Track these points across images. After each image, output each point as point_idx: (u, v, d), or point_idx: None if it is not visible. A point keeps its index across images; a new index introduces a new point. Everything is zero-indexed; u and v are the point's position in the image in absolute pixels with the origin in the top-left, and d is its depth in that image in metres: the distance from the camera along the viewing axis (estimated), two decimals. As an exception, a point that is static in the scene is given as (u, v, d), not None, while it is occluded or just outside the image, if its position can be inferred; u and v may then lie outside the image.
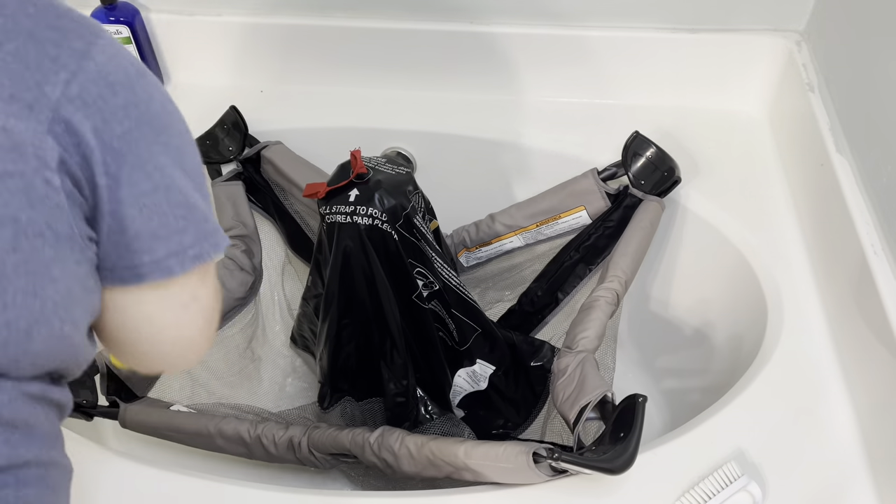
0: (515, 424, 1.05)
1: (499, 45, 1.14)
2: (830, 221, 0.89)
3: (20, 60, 0.39)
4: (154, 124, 0.44)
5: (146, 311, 0.48)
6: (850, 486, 0.71)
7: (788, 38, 1.08)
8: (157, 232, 0.44)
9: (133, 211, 0.43)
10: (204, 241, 0.47)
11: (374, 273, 0.86)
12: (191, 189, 0.46)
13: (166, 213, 0.45)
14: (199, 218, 0.46)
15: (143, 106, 0.43)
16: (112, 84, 0.42)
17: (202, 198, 0.47)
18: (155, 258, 0.45)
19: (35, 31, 0.40)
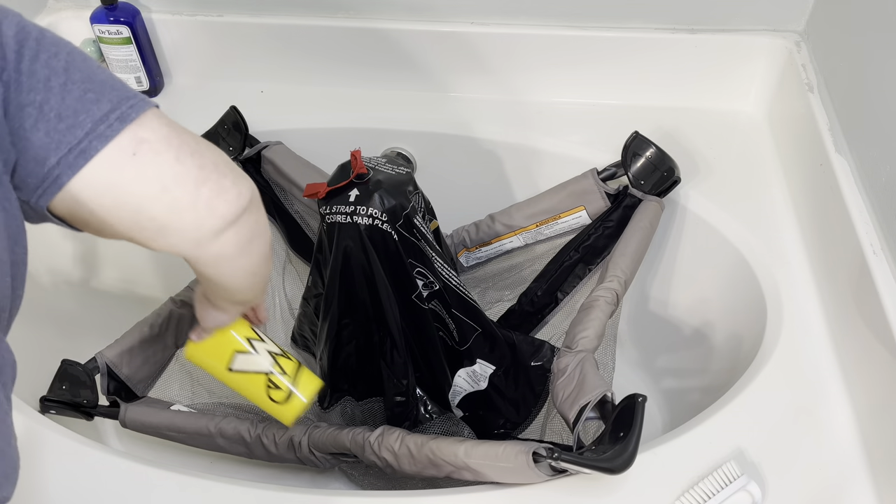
0: (515, 424, 1.05)
1: (499, 45, 1.14)
2: (830, 221, 0.89)
3: None
4: (36, 27, 0.47)
5: (114, 190, 0.48)
6: (849, 486, 0.71)
7: (788, 39, 1.08)
8: (75, 107, 0.45)
9: (44, 94, 0.45)
10: (125, 102, 0.47)
11: (374, 273, 0.86)
12: (93, 68, 0.48)
13: (75, 90, 0.46)
14: (108, 87, 0.47)
15: (17, 16, 0.46)
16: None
17: (102, 73, 0.49)
18: (85, 130, 0.45)
19: None
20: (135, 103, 0.48)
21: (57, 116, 0.45)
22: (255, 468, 1.03)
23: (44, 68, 0.45)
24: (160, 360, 0.99)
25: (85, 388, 0.89)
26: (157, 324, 0.97)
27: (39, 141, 0.45)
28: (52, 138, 0.45)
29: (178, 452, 0.99)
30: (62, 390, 0.88)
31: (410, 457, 0.78)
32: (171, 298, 1.01)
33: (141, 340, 0.95)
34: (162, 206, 0.49)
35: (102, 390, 0.92)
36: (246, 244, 0.57)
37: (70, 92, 0.46)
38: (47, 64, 0.45)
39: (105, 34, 1.15)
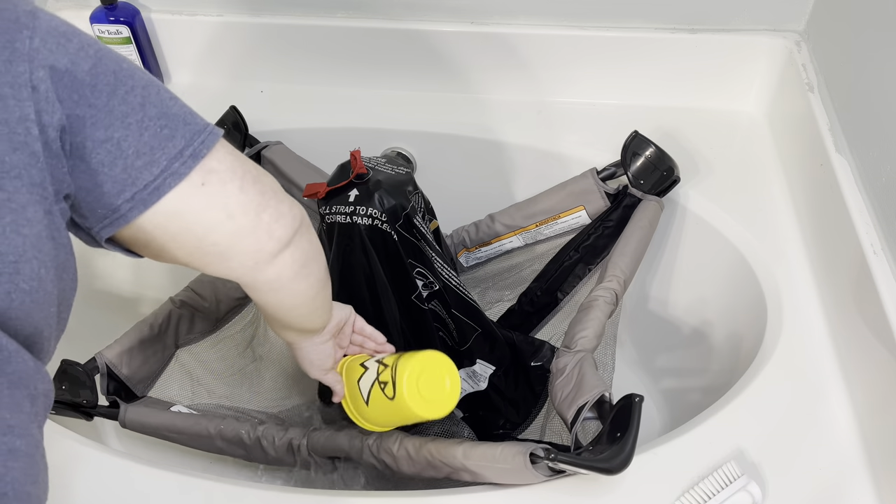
0: (515, 424, 1.05)
1: (499, 45, 1.14)
2: (830, 221, 0.89)
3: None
4: (111, 56, 0.47)
5: (181, 218, 0.49)
6: (849, 486, 0.71)
7: (788, 39, 1.08)
8: (151, 144, 0.47)
9: (122, 132, 0.46)
10: (197, 137, 0.49)
11: (374, 273, 0.86)
12: (165, 100, 0.49)
13: (152, 127, 0.47)
14: (181, 121, 0.49)
15: (95, 45, 0.46)
16: (64, 34, 0.45)
17: (175, 104, 0.50)
18: (161, 168, 0.47)
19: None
20: (205, 138, 0.50)
21: (135, 153, 0.46)
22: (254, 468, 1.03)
23: (121, 104, 0.46)
24: (160, 360, 0.99)
25: (85, 389, 0.89)
26: (156, 324, 0.97)
27: (117, 176, 0.46)
28: (129, 175, 0.46)
29: (178, 453, 0.99)
30: (62, 391, 0.88)
31: (409, 458, 0.78)
32: (170, 298, 1.01)
33: (141, 341, 0.95)
34: (225, 233, 0.52)
35: (102, 390, 0.92)
36: (301, 267, 0.59)
37: (147, 129, 0.47)
38: (125, 100, 0.46)
39: (105, 34, 1.15)
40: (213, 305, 1.04)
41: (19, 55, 0.42)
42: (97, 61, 0.45)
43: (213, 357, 1.07)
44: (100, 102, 0.45)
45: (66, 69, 0.44)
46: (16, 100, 0.42)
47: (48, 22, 0.44)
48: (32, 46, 0.42)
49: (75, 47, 0.44)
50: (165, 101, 0.49)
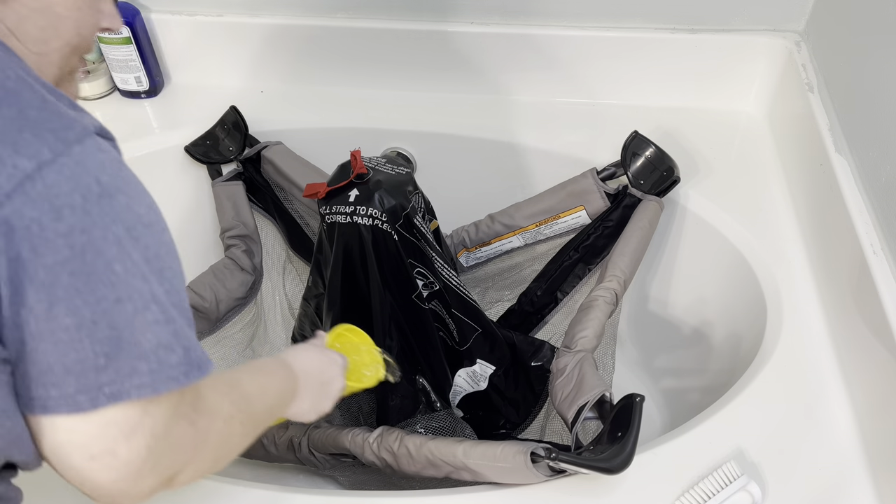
0: (515, 424, 1.05)
1: (499, 45, 1.14)
2: (830, 221, 0.89)
3: None
4: (107, 252, 0.40)
5: (50, 445, 0.44)
6: (849, 486, 0.71)
7: (788, 39, 1.08)
8: (71, 367, 0.41)
9: (47, 345, 0.40)
10: (127, 378, 0.42)
11: (374, 273, 0.87)
12: (131, 319, 0.42)
13: (87, 349, 0.41)
14: (128, 354, 0.42)
15: (96, 231, 0.40)
16: (58, 208, 0.38)
17: (156, 324, 0.43)
18: (63, 392, 0.41)
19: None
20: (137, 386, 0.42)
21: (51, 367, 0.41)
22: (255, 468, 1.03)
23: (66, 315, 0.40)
24: (160, 360, 0.99)
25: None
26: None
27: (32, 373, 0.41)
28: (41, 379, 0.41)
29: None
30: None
31: (409, 457, 0.78)
32: (171, 298, 1.01)
33: (141, 340, 0.95)
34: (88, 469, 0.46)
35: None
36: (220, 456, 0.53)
37: (77, 349, 0.41)
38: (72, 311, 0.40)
39: (105, 34, 1.15)
40: (212, 305, 1.04)
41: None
42: (73, 256, 0.39)
43: (213, 357, 1.07)
44: (39, 307, 0.39)
45: (17, 256, 0.38)
46: None
47: (50, 186, 0.38)
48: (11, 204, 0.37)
49: (58, 232, 0.38)
50: (129, 321, 0.41)
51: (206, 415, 0.50)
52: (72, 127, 0.41)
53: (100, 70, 1.22)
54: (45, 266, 0.38)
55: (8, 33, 0.45)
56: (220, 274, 1.06)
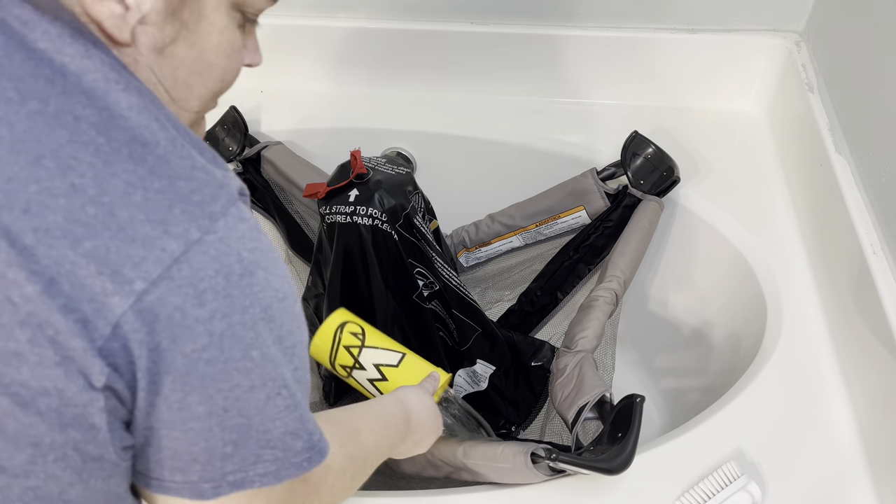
0: (515, 424, 1.05)
1: (499, 45, 1.14)
2: (830, 221, 0.89)
3: (94, 262, 0.34)
4: (243, 337, 0.38)
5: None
6: (849, 486, 0.71)
7: (788, 39, 1.08)
8: (198, 456, 0.40)
9: (177, 433, 0.39)
10: (251, 467, 0.41)
11: (375, 273, 0.87)
12: (263, 407, 0.40)
13: (216, 438, 0.40)
14: (254, 442, 0.41)
15: (235, 316, 0.38)
16: (202, 292, 0.36)
17: (285, 410, 0.42)
18: (188, 479, 0.40)
19: (130, 226, 0.35)
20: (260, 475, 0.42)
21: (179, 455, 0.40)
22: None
23: (200, 403, 0.38)
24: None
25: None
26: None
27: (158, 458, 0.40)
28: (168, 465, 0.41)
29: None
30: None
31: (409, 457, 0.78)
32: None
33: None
34: None
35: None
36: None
37: (208, 438, 0.39)
38: (207, 399, 0.39)
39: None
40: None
41: (104, 315, 0.34)
42: (211, 344, 0.37)
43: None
44: (174, 396, 0.37)
45: (157, 346, 0.36)
46: (80, 365, 0.34)
47: (196, 269, 0.36)
48: (135, 307, 0.35)
49: (199, 317, 0.36)
50: (259, 409, 0.40)
51: (319, 470, 0.47)
52: (218, 197, 0.38)
53: (100, 70, 1.22)
54: (183, 354, 0.37)
55: (157, 82, 0.42)
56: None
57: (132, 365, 0.36)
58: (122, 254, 0.34)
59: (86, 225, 0.34)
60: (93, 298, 0.34)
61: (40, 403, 0.34)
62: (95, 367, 0.35)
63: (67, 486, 0.37)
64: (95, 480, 0.38)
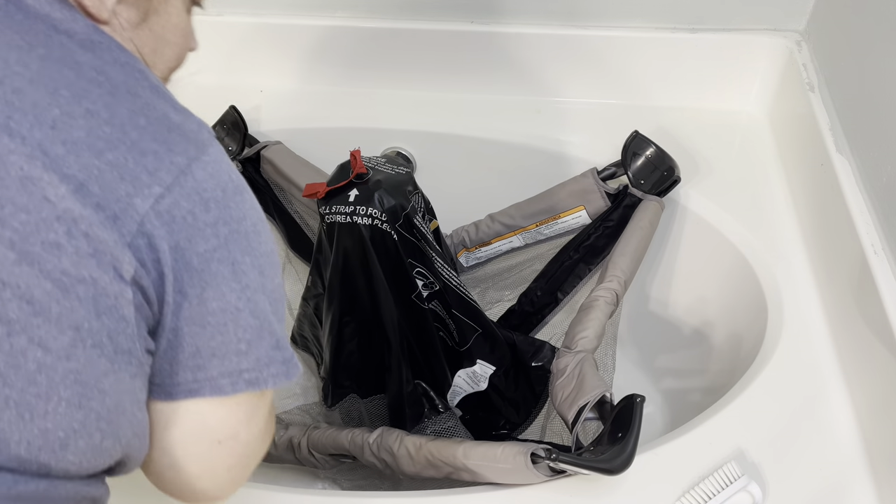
0: (515, 425, 1.05)
1: (499, 45, 1.14)
2: (831, 221, 0.89)
3: (116, 170, 0.40)
4: (241, 244, 0.44)
5: (181, 432, 0.47)
6: (850, 486, 0.71)
7: (788, 38, 1.08)
8: (216, 350, 0.44)
9: (196, 328, 0.43)
10: (265, 367, 0.46)
11: (374, 273, 0.86)
12: (266, 312, 0.46)
13: (230, 333, 0.44)
14: (266, 344, 0.46)
15: (233, 224, 0.44)
16: (206, 201, 0.42)
17: (277, 322, 0.47)
18: (208, 375, 0.45)
19: (140, 142, 0.41)
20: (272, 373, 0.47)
21: (199, 351, 0.44)
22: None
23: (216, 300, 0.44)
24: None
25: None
26: (156, 324, 0.97)
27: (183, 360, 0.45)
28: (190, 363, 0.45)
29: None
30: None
31: (409, 458, 0.78)
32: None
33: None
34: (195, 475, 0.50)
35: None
36: None
37: (224, 333, 0.44)
38: (223, 297, 0.44)
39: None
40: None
41: (130, 214, 0.39)
42: (219, 245, 0.43)
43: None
44: (194, 292, 0.42)
45: (177, 245, 0.41)
46: (112, 257, 0.39)
47: (198, 182, 0.42)
48: (155, 208, 0.40)
49: (207, 221, 0.42)
50: (265, 314, 0.46)
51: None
52: (203, 130, 0.46)
53: (99, 70, 1.21)
54: (197, 254, 0.42)
55: (137, 53, 0.49)
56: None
57: (158, 263, 0.41)
58: (138, 164, 0.40)
59: (105, 140, 0.40)
60: (119, 199, 0.39)
61: (79, 290, 0.39)
62: (125, 258, 0.40)
63: (102, 375, 0.41)
64: (124, 374, 0.42)
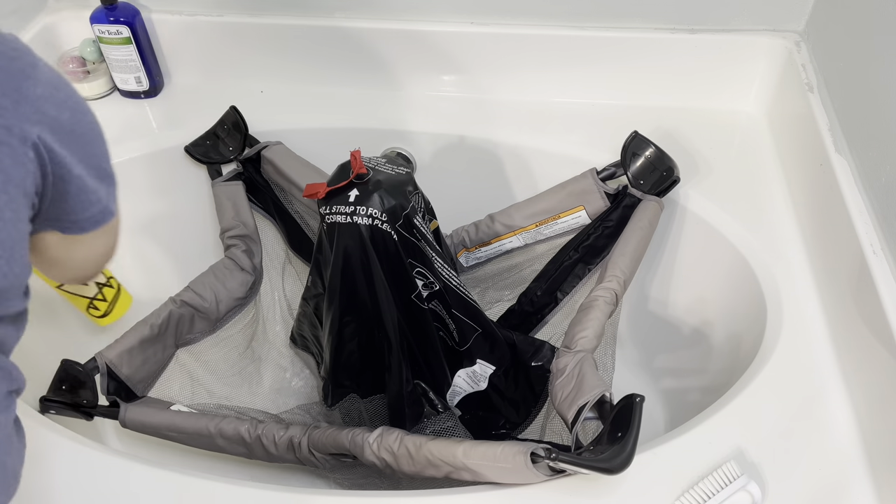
0: (515, 425, 1.05)
1: (499, 45, 1.14)
2: (830, 221, 0.89)
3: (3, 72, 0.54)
4: (81, 111, 0.59)
5: (84, 246, 0.67)
6: (849, 486, 0.71)
7: (788, 39, 1.08)
8: (90, 196, 0.61)
9: (78, 178, 0.59)
10: (112, 201, 0.65)
11: (374, 273, 0.86)
12: (107, 163, 0.64)
13: (96, 179, 0.61)
14: (110, 183, 0.65)
15: (72, 101, 0.58)
16: (56, 86, 0.56)
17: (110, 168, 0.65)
18: (90, 214, 0.62)
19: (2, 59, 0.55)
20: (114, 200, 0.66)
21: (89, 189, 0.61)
22: (254, 468, 1.03)
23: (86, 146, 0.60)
24: (160, 360, 0.99)
25: (85, 389, 0.89)
26: (157, 324, 0.97)
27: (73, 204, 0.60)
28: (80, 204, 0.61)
29: (178, 453, 0.99)
30: (62, 390, 0.88)
31: (409, 457, 0.78)
32: (171, 298, 1.01)
33: (141, 340, 0.95)
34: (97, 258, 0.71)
35: (102, 390, 0.92)
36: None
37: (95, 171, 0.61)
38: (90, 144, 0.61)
39: (105, 34, 1.15)
40: (212, 305, 1.04)
41: (25, 99, 0.54)
42: (74, 112, 0.58)
43: (213, 357, 1.07)
44: (75, 146, 0.58)
45: (54, 116, 0.55)
46: (19, 129, 0.53)
47: (46, 74, 0.56)
48: (35, 93, 0.54)
49: (62, 99, 0.56)
50: (106, 153, 0.63)
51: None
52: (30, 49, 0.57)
53: (100, 70, 1.22)
54: (66, 121, 0.57)
55: None
56: (220, 274, 1.06)
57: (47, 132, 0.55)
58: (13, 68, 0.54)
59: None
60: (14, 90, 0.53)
61: (3, 150, 0.52)
62: (27, 129, 0.53)
63: (20, 207, 0.55)
64: (23, 211, 0.56)
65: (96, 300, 0.97)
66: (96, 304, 0.97)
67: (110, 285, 0.99)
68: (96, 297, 0.96)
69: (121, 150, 1.13)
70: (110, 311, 0.99)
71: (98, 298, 0.96)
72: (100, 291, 0.96)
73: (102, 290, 0.97)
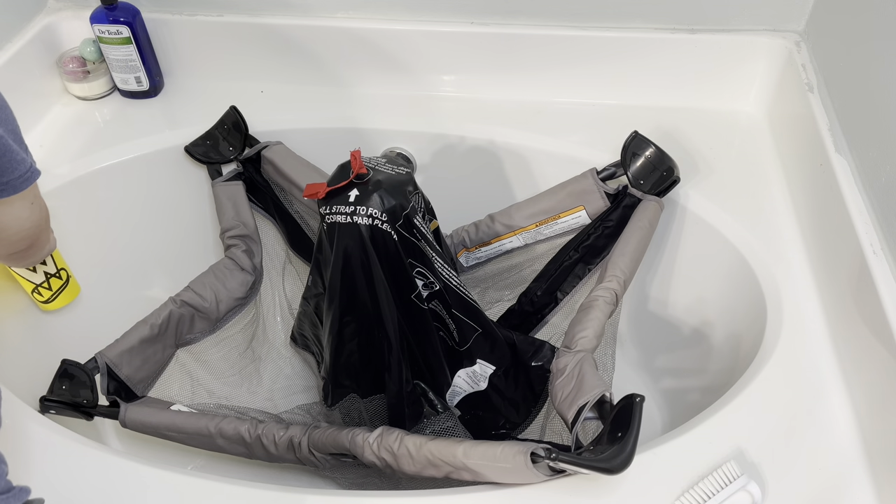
0: (515, 425, 1.05)
1: (499, 45, 1.14)
2: (830, 221, 0.89)
3: None
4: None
5: (12, 210, 0.75)
6: (849, 486, 0.71)
7: (788, 39, 1.08)
8: (16, 156, 0.69)
9: (2, 138, 0.67)
10: (34, 166, 0.74)
11: (374, 273, 0.86)
12: (20, 132, 0.72)
13: (16, 143, 0.70)
14: (27, 150, 0.73)
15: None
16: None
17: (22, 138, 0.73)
18: (19, 173, 0.71)
19: None
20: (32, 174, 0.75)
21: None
22: (255, 468, 1.03)
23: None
24: (160, 360, 1.00)
25: (85, 388, 0.89)
26: (157, 324, 0.97)
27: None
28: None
29: (179, 452, 0.99)
30: (62, 390, 0.88)
31: (409, 457, 0.78)
32: (171, 298, 1.01)
33: (141, 340, 0.95)
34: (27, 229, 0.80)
35: (102, 390, 0.92)
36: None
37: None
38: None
39: (105, 34, 1.15)
40: (212, 305, 1.04)
41: None
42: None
43: (213, 357, 1.07)
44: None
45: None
46: None
47: None
48: None
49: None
50: (18, 125, 0.72)
51: None
52: None
53: (100, 70, 1.22)
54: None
55: None
56: (221, 274, 1.06)
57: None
58: None
59: None
60: None
61: None
62: None
63: None
64: None
65: (41, 287, 1.00)
66: (41, 290, 1.00)
67: (59, 276, 1.02)
68: (41, 285, 1.00)
69: (121, 150, 1.13)
70: (54, 299, 1.02)
71: (43, 286, 1.00)
72: (46, 280, 1.00)
73: (49, 280, 1.00)
